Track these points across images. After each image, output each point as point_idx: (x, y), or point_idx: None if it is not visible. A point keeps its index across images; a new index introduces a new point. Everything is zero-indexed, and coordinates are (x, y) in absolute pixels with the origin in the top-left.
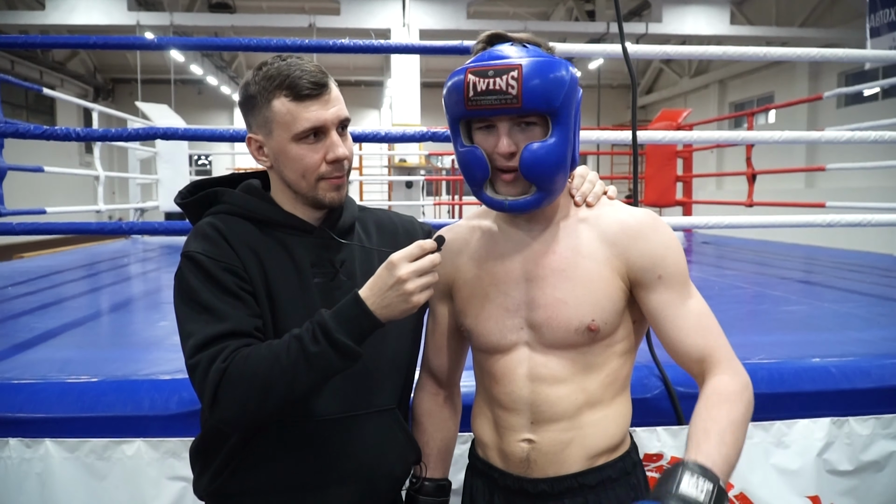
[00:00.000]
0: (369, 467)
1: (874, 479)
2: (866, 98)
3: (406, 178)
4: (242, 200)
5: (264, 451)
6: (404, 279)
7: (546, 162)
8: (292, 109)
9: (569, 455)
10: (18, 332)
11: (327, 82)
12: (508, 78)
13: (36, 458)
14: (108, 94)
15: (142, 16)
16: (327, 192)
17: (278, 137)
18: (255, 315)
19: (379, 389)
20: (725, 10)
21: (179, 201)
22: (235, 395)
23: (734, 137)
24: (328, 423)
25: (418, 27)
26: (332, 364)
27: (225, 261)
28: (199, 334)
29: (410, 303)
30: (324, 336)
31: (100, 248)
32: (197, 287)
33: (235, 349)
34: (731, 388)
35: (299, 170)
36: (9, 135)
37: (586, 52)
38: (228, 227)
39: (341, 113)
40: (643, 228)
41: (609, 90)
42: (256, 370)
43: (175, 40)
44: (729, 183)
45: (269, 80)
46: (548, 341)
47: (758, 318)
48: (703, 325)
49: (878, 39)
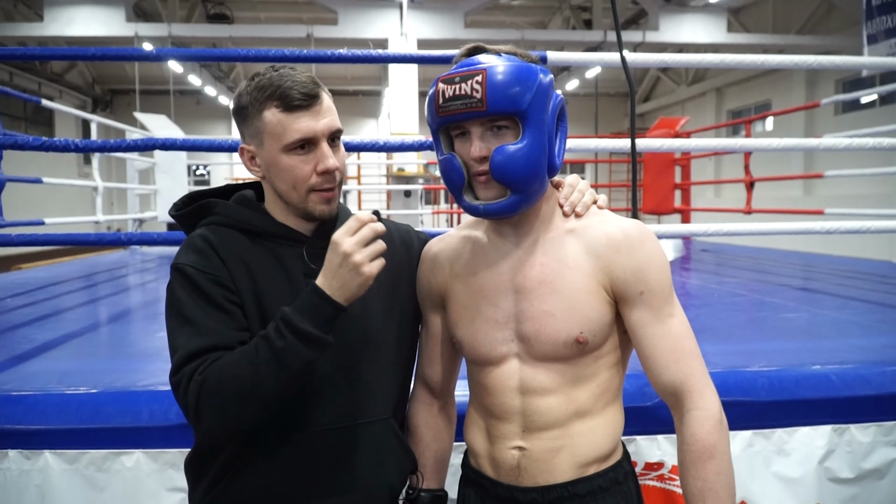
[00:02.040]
0: (366, 477)
1: (875, 487)
2: (863, 105)
3: (404, 188)
4: (235, 212)
5: (259, 463)
6: (350, 252)
7: (516, 164)
8: (283, 120)
9: (559, 463)
10: (17, 344)
11: (319, 93)
12: (473, 82)
13: (35, 470)
14: (106, 105)
15: (140, 27)
16: (318, 204)
17: (269, 148)
18: (241, 328)
19: (373, 400)
20: (722, 18)
21: (174, 213)
22: (215, 405)
23: (732, 145)
24: (324, 434)
25: (416, 37)
26: (302, 355)
27: (213, 273)
28: (182, 350)
29: (363, 274)
30: (288, 329)
31: (98, 258)
32: (184, 299)
33: (212, 362)
34: (707, 434)
35: (290, 181)
36: (8, 146)
37: (584, 60)
38: (220, 238)
39: (332, 124)
40: (629, 242)
41: (606, 98)
42: (231, 376)
43: (173, 51)
44: (727, 190)
45: (261, 90)
46: (537, 353)
47: (757, 326)
48: (678, 349)
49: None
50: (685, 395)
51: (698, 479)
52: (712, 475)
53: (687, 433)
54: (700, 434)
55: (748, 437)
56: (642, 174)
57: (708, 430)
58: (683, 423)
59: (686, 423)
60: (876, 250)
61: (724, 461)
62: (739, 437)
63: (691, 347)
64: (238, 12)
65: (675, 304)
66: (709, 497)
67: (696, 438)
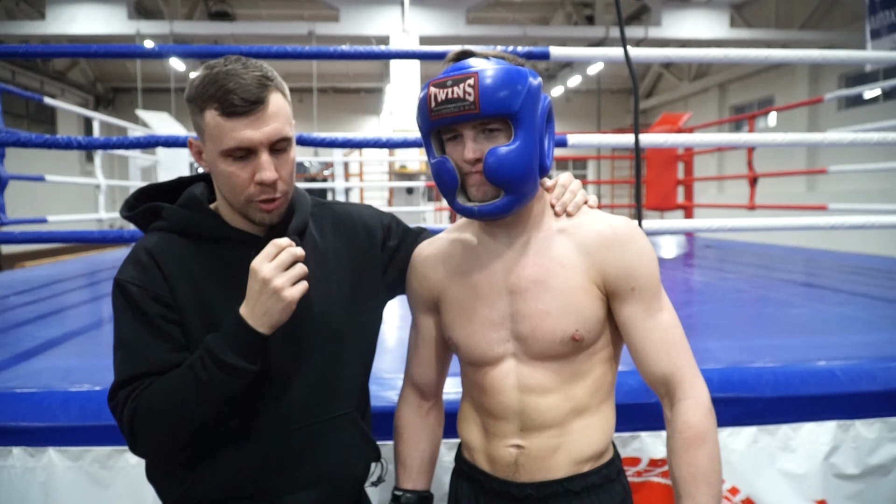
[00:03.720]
0: (331, 471)
1: (881, 483)
2: (867, 100)
3: (407, 184)
4: (180, 217)
5: (225, 462)
6: (269, 278)
7: (509, 164)
8: (221, 124)
9: (556, 461)
10: (21, 342)
11: (264, 97)
12: (465, 85)
13: (39, 468)
14: (108, 103)
15: (142, 25)
16: (257, 212)
17: (209, 149)
18: (177, 348)
19: (336, 397)
20: (725, 13)
21: (125, 215)
22: (147, 434)
23: (735, 140)
24: (288, 433)
25: (418, 33)
26: (226, 386)
27: (152, 289)
28: (117, 375)
29: (284, 299)
30: (211, 361)
31: (101, 256)
32: (121, 318)
33: (145, 388)
34: (699, 421)
35: (227, 186)
36: (10, 144)
37: (586, 56)
38: (164, 248)
39: (276, 133)
40: (619, 239)
41: (609, 95)
42: (160, 405)
43: (175, 48)
44: (730, 186)
45: (204, 88)
46: (534, 352)
47: (761, 322)
48: (669, 341)
49: (878, 41)
50: (676, 384)
51: (691, 465)
52: (705, 461)
53: (679, 421)
54: (692, 421)
55: (753, 433)
56: (645, 170)
57: (700, 418)
58: (675, 412)
59: (677, 412)
60: (880, 246)
61: (715, 448)
62: (744, 433)
63: (681, 339)
64: (239, 9)
65: (664, 298)
66: (701, 482)
67: (688, 426)
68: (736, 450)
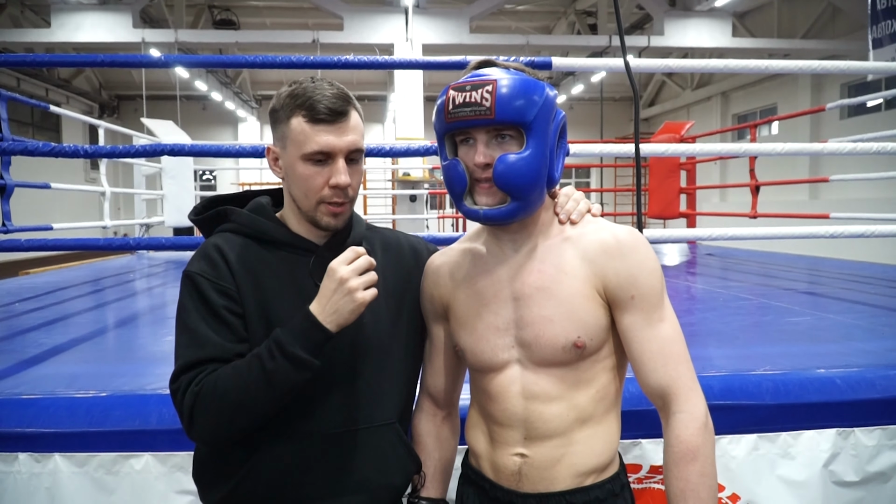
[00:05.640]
0: (371, 479)
1: (880, 491)
2: (869, 109)
3: (410, 192)
4: (249, 220)
5: (268, 465)
6: (346, 278)
7: (518, 172)
8: (306, 130)
9: (559, 472)
10: (26, 348)
11: (346, 111)
12: (483, 91)
13: (45, 473)
14: (113, 111)
15: (147, 33)
16: (325, 215)
17: (290, 153)
18: (239, 340)
19: (380, 405)
20: (727, 22)
21: (193, 217)
22: (208, 417)
23: (737, 149)
24: (331, 438)
25: (421, 42)
26: (290, 376)
27: (219, 282)
28: (180, 359)
29: (356, 300)
30: (279, 351)
31: (106, 263)
32: (188, 307)
33: (209, 373)
34: (691, 436)
35: (303, 188)
36: (17, 152)
37: (588, 66)
38: (232, 247)
39: (354, 144)
40: (621, 248)
41: (612, 103)
42: (224, 390)
43: (181, 58)
44: (732, 195)
45: (293, 98)
46: (537, 359)
47: (762, 330)
48: (667, 353)
49: (880, 51)
50: (672, 398)
51: (680, 479)
52: (695, 477)
53: (671, 435)
54: (684, 436)
55: (753, 440)
56: (647, 179)
57: (692, 433)
58: (668, 426)
59: (671, 426)
60: (881, 254)
61: (708, 464)
62: (744, 440)
63: (680, 352)
64: (244, 18)
65: (667, 308)
66: (690, 498)
67: (679, 440)
68: (736, 457)
